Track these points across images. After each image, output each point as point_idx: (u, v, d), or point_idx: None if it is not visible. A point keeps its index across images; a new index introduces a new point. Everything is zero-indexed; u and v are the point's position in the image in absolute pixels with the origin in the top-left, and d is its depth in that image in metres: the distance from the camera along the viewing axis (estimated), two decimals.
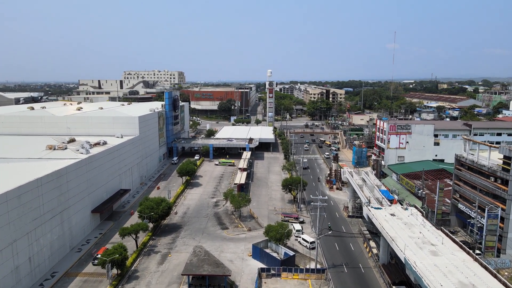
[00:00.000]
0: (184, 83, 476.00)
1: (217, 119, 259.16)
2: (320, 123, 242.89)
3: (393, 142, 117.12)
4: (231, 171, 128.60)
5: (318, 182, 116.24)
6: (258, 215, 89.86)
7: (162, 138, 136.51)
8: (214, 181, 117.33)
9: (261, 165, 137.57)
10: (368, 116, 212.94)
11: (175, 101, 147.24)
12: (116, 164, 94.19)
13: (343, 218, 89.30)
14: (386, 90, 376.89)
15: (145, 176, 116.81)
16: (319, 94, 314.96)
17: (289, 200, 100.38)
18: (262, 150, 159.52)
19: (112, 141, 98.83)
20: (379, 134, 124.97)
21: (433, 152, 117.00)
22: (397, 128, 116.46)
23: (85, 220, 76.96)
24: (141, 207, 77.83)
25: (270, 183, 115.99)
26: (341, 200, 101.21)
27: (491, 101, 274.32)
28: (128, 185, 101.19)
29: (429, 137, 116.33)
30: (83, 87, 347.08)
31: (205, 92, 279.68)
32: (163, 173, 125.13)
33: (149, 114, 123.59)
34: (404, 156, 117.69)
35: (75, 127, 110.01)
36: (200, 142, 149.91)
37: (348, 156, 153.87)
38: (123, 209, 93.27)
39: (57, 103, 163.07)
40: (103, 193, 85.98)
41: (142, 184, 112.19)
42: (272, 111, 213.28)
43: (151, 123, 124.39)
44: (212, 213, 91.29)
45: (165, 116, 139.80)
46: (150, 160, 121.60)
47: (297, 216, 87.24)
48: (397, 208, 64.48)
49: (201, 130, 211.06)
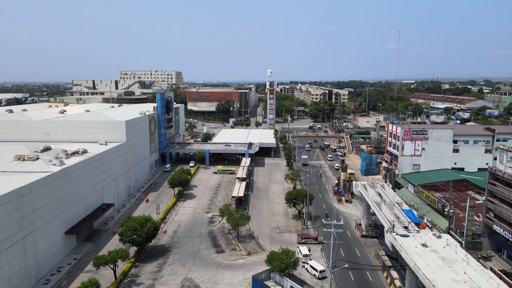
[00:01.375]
0: (182, 83, 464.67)
1: (215, 121, 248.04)
2: (323, 125, 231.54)
3: (407, 149, 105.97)
4: (228, 180, 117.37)
5: (325, 192, 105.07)
6: (258, 234, 78.71)
7: (154, 144, 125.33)
8: (210, 191, 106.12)
9: (262, 173, 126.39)
10: (374, 118, 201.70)
11: (168, 103, 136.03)
12: (98, 176, 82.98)
13: (356, 238, 78.10)
14: (389, 91, 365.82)
15: (134, 186, 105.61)
16: (321, 95, 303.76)
17: (293, 216, 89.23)
18: (263, 155, 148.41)
19: (94, 149, 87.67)
20: (391, 140, 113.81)
21: (451, 160, 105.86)
22: (412, 134, 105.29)
23: (56, 244, 65.76)
24: (122, 228, 66.70)
25: (272, 194, 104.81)
26: (352, 216, 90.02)
27: (500, 102, 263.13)
28: (112, 199, 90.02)
29: (448, 143, 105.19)
30: (77, 88, 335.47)
31: (202, 93, 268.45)
32: (154, 182, 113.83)
33: (139, 117, 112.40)
34: (419, 164, 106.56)
35: (54, 132, 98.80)
36: (195, 147, 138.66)
37: (355, 162, 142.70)
38: (105, 226, 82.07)
39: (42, 105, 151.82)
40: (80, 210, 74.77)
41: (129, 196, 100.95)
42: (272, 113, 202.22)
43: (141, 128, 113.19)
44: (206, 231, 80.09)
45: (157, 120, 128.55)
46: (139, 169, 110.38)
47: (316, 236, 76.16)
48: (427, 235, 53.31)
49: (198, 133, 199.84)
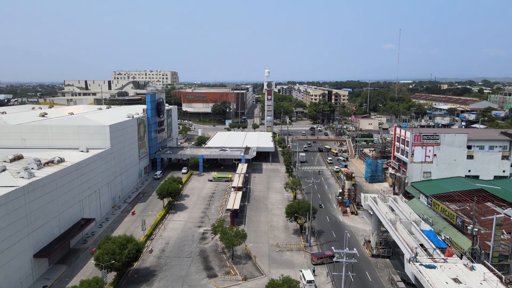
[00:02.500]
0: (178, 84, 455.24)
1: (211, 122, 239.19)
2: (323, 127, 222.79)
3: (417, 155, 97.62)
4: (223, 188, 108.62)
5: (326, 204, 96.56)
6: (256, 253, 70.13)
7: (143, 149, 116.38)
8: (203, 202, 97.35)
9: (259, 180, 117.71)
10: (377, 120, 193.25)
11: (159, 104, 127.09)
12: (76, 188, 74.09)
13: (365, 258, 69.55)
14: (389, 91, 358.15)
15: (120, 197, 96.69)
16: (320, 96, 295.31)
17: (294, 230, 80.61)
18: (260, 160, 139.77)
19: (73, 157, 78.77)
20: (399, 145, 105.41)
21: (465, 167, 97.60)
22: (422, 139, 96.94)
23: (23, 270, 56.85)
24: (99, 251, 57.88)
25: (271, 204, 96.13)
26: (359, 231, 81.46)
27: (504, 103, 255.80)
28: (93, 212, 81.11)
29: (462, 149, 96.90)
30: (68, 88, 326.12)
31: (198, 93, 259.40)
32: (142, 191, 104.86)
33: (126, 121, 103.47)
34: (430, 172, 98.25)
35: (31, 138, 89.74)
36: (188, 152, 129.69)
37: (358, 168, 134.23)
38: (84, 245, 73.15)
39: (25, 107, 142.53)
40: (53, 228, 65.88)
41: (114, 207, 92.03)
42: (270, 115, 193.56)
43: (129, 132, 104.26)
44: (197, 250, 71.33)
45: (147, 123, 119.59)
46: (126, 177, 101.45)
47: (332, 254, 67.53)
48: (457, 265, 44.79)
49: (193, 136, 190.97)
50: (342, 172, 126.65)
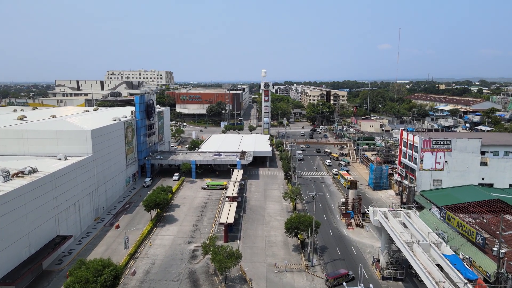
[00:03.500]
0: (173, 84, 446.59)
1: (206, 124, 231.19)
2: (322, 129, 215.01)
3: (427, 162, 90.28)
4: (217, 197, 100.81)
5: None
6: (252, 275, 62.42)
7: (131, 154, 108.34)
8: (194, 213, 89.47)
9: (256, 187, 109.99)
10: (378, 122, 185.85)
11: (149, 106, 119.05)
12: (51, 201, 66.13)
13: (375, 280, 61.94)
14: (388, 91, 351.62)
15: (104, 207, 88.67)
16: (319, 96, 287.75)
17: (294, 247, 72.93)
18: (257, 165, 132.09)
19: (48, 166, 70.76)
20: (407, 150, 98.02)
21: (479, 174, 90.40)
22: (432, 144, 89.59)
23: None
24: (70, 279, 49.88)
25: (268, 216, 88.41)
26: (366, 246, 73.92)
27: (507, 104, 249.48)
28: (72, 227, 73.10)
29: (475, 155, 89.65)
30: (60, 88, 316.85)
31: (192, 94, 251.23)
32: (129, 201, 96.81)
33: (111, 125, 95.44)
34: (441, 179, 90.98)
35: (4, 144, 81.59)
36: (180, 157, 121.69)
37: (361, 173, 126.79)
38: (59, 265, 65.07)
39: (6, 109, 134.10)
40: (22, 250, 57.92)
41: (97, 220, 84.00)
42: (268, 116, 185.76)
43: (114, 137, 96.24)
44: (186, 272, 63.48)
45: (135, 126, 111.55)
46: (111, 186, 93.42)
47: (347, 272, 60.62)
48: None
49: (186, 138, 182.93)
50: (341, 175, 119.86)
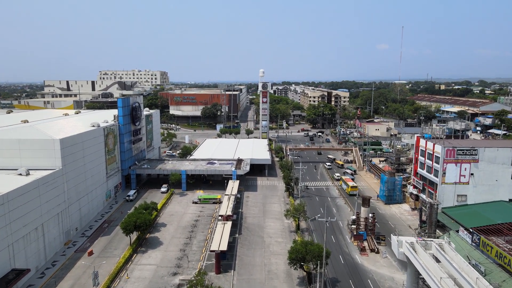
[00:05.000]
0: (168, 84, 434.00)
1: (201, 127, 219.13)
2: (324, 133, 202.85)
3: (450, 174, 78.66)
4: (209, 213, 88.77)
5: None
6: None
7: (113, 164, 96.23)
8: (182, 234, 77.42)
9: (254, 201, 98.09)
10: (384, 125, 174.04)
11: (135, 110, 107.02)
12: (2, 229, 54.00)
13: None
14: (390, 92, 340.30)
15: (77, 228, 76.52)
16: (319, 97, 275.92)
17: (299, 280, 61.04)
18: (255, 173, 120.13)
19: (2, 184, 58.60)
20: (425, 160, 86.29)
21: (510, 189, 78.85)
22: (457, 154, 77.91)
23: None
24: None
25: (268, 237, 76.46)
26: (385, 278, 62.09)
27: None
28: (32, 257, 60.94)
29: (505, 166, 78.11)
30: (49, 89, 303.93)
31: (186, 95, 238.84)
32: (108, 219, 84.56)
33: (87, 132, 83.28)
34: (466, 194, 79.43)
35: None
36: (169, 166, 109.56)
37: (369, 183, 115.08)
38: None
39: None
40: None
41: (67, 244, 71.85)
42: (266, 119, 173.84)
43: (91, 145, 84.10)
44: None
45: (118, 132, 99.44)
46: (87, 202, 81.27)
47: None
48: None
49: (179, 143, 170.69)
50: (343, 181, 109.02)
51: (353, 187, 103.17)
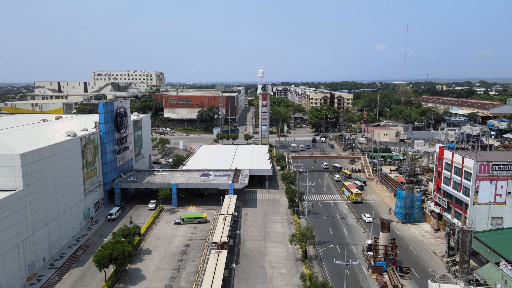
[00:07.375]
0: (164, 85, 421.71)
1: (196, 131, 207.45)
2: (327, 137, 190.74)
3: (484, 193, 67.18)
4: (202, 235, 77.10)
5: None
6: None
7: (93, 178, 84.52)
8: (170, 264, 65.74)
9: (253, 219, 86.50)
10: (393, 130, 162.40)
11: (119, 116, 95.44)
12: None
13: None
14: (393, 93, 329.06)
15: (44, 258, 64.79)
16: (321, 99, 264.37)
17: None
18: (254, 185, 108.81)
19: None
20: (450, 175, 74.74)
21: None
22: (492, 169, 66.45)
23: None
24: None
25: (270, 267, 64.84)
26: None
27: None
28: None
29: None
30: (39, 90, 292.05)
31: (182, 97, 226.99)
32: (84, 245, 72.74)
33: (59, 144, 71.56)
34: (502, 217, 67.96)
35: None
36: (158, 179, 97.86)
37: (381, 196, 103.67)
38: None
39: None
40: None
41: (31, 278, 60.12)
42: (266, 123, 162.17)
43: (64, 159, 72.37)
44: None
45: (99, 142, 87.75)
46: (58, 225, 69.57)
47: None
48: None
49: (172, 149, 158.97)
50: (346, 188, 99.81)
51: (357, 194, 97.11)
